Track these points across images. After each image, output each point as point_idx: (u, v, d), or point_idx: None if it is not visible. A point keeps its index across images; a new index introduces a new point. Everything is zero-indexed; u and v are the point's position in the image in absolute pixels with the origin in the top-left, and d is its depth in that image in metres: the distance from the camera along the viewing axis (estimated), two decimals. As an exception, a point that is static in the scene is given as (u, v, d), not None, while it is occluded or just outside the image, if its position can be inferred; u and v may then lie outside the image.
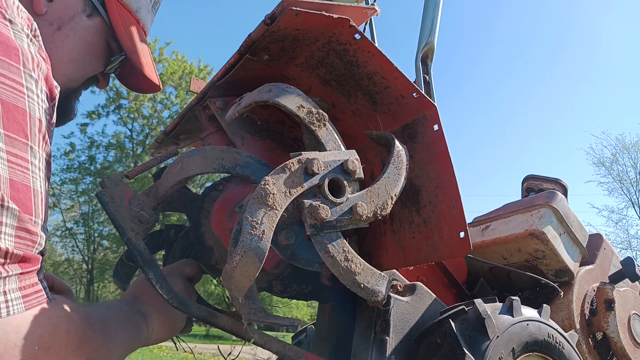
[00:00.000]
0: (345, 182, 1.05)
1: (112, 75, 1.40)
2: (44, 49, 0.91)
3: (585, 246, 2.14)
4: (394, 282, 1.42)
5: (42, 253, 0.81)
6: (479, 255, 2.17)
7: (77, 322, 0.85)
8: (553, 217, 2.04)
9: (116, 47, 1.26)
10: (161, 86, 1.41)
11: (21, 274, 0.75)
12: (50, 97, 0.89)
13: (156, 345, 10.55)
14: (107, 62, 1.29)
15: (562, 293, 2.00)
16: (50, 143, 0.90)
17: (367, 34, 2.18)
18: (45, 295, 0.81)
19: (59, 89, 0.93)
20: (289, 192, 0.97)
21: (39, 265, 0.80)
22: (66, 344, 0.81)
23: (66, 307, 0.85)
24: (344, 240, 1.04)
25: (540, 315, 1.45)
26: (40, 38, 0.90)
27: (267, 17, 1.07)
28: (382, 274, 1.09)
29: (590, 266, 2.18)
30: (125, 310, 1.07)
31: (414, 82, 1.57)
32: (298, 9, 1.03)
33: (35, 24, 0.90)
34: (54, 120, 0.93)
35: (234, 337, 1.29)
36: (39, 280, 0.80)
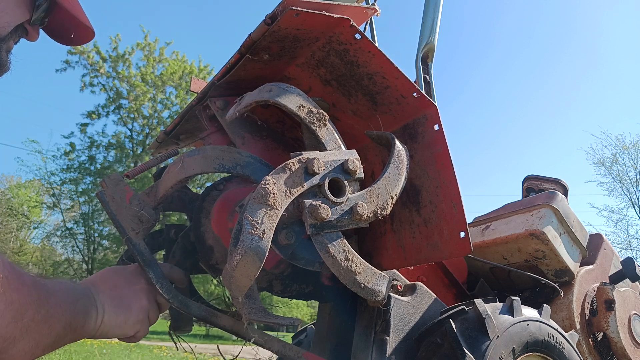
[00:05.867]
0: (345, 181, 1.05)
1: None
2: None
3: (585, 246, 2.14)
4: (394, 282, 1.42)
5: None
6: (479, 255, 2.17)
7: (11, 273, 0.80)
8: (553, 217, 2.04)
9: None
10: (94, 31, 1.33)
11: None
12: None
13: (156, 345, 10.55)
14: (33, 8, 1.22)
15: (562, 293, 2.00)
16: None
17: (368, 34, 2.18)
18: None
19: None
20: (290, 192, 0.97)
21: None
22: None
23: None
24: (345, 240, 1.04)
25: (540, 315, 1.45)
26: None
27: (267, 16, 1.07)
28: (383, 273, 1.09)
29: (591, 266, 2.18)
30: (77, 291, 1.02)
31: (415, 82, 1.57)
32: (299, 8, 1.03)
33: None
34: None
35: (234, 337, 1.29)
36: None
